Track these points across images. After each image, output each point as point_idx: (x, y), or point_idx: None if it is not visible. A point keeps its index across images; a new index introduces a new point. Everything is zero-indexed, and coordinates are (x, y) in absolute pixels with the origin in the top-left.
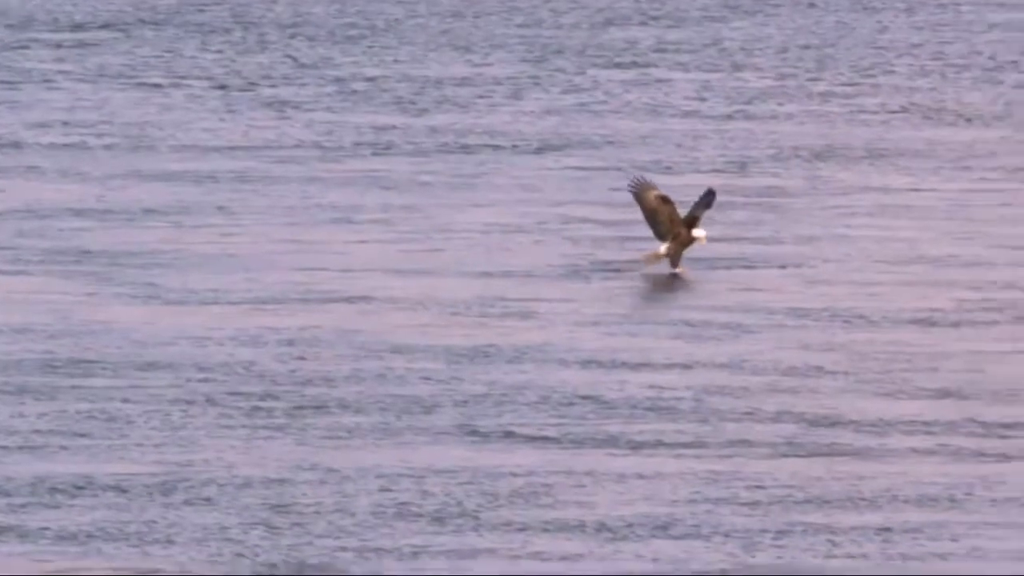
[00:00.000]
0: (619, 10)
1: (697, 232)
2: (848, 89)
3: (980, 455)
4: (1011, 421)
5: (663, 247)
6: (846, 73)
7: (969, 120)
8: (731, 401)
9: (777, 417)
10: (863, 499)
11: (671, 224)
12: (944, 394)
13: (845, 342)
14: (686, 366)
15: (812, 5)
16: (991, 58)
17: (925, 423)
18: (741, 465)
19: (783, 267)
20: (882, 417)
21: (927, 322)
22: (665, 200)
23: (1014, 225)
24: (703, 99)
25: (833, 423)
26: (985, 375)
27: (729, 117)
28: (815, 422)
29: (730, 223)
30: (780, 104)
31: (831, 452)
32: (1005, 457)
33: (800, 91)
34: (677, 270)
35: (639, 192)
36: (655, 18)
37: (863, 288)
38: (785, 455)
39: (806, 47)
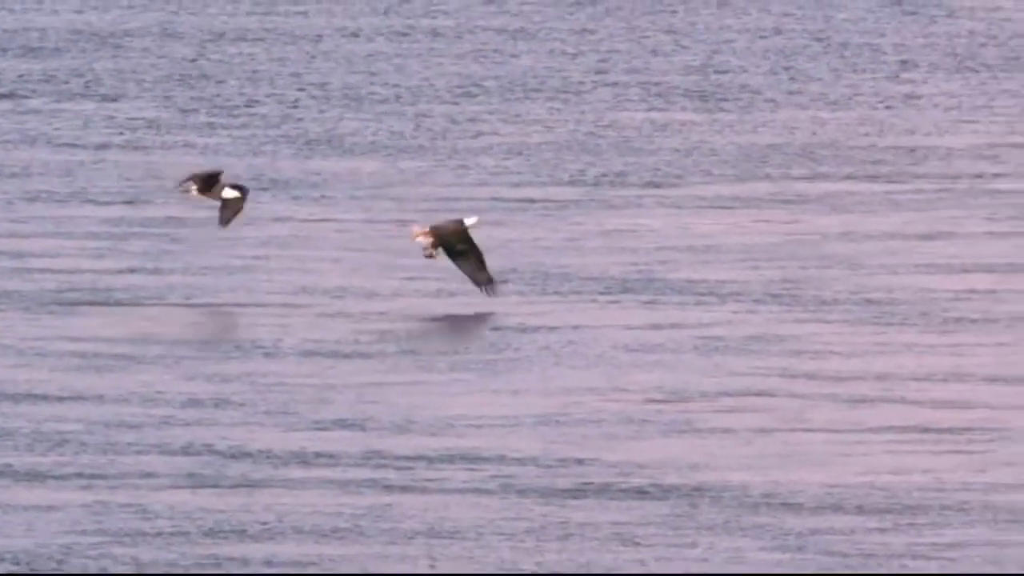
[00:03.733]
0: None
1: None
2: (232, 120)
3: (374, 486)
4: (405, 453)
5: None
6: (224, 104)
7: (349, 151)
8: (129, 433)
9: (175, 449)
10: (255, 531)
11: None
12: (339, 425)
13: (243, 373)
14: (81, 398)
15: (167, 35)
16: (361, 87)
17: (320, 455)
18: (136, 497)
19: (183, 298)
20: (279, 448)
21: (323, 353)
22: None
23: (403, 256)
24: (84, 129)
25: (232, 455)
26: (378, 406)
27: (113, 147)
28: (214, 453)
29: (128, 254)
30: (162, 135)
31: (228, 484)
32: (399, 489)
33: (184, 121)
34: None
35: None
36: (9, 49)
37: (261, 319)
38: (182, 487)
39: (182, 78)
